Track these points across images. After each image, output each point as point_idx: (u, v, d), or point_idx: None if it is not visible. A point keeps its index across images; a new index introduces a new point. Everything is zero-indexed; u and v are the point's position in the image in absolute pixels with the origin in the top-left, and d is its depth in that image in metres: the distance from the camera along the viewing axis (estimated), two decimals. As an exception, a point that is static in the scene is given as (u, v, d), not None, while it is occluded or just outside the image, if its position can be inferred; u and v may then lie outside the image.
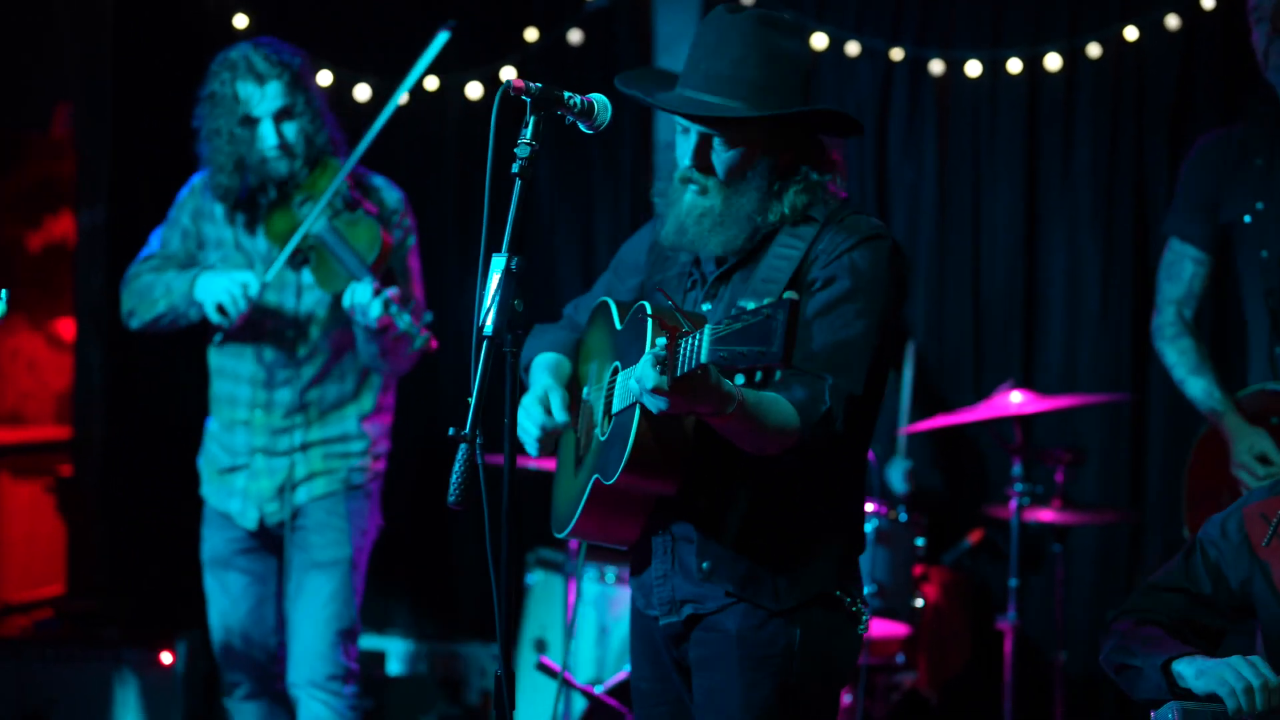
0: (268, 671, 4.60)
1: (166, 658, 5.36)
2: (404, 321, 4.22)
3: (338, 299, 4.38)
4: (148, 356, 6.13)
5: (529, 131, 2.77)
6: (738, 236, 2.96)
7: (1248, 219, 4.20)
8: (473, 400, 2.66)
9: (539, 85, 2.80)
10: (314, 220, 4.33)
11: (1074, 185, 6.09)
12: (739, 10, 2.96)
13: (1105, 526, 5.84)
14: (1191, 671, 2.91)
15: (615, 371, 2.99)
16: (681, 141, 2.98)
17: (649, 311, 2.80)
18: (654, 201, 3.12)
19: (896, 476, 5.78)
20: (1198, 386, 4.29)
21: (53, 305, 6.64)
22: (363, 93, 6.41)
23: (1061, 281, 6.09)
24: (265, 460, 4.48)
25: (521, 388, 3.22)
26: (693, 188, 2.97)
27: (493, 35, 6.49)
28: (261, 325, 4.46)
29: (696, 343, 2.47)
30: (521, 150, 2.75)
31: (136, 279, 4.57)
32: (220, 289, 4.33)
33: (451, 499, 2.65)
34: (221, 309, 4.33)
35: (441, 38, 4.61)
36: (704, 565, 2.94)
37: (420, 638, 6.34)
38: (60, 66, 6.45)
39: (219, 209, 4.53)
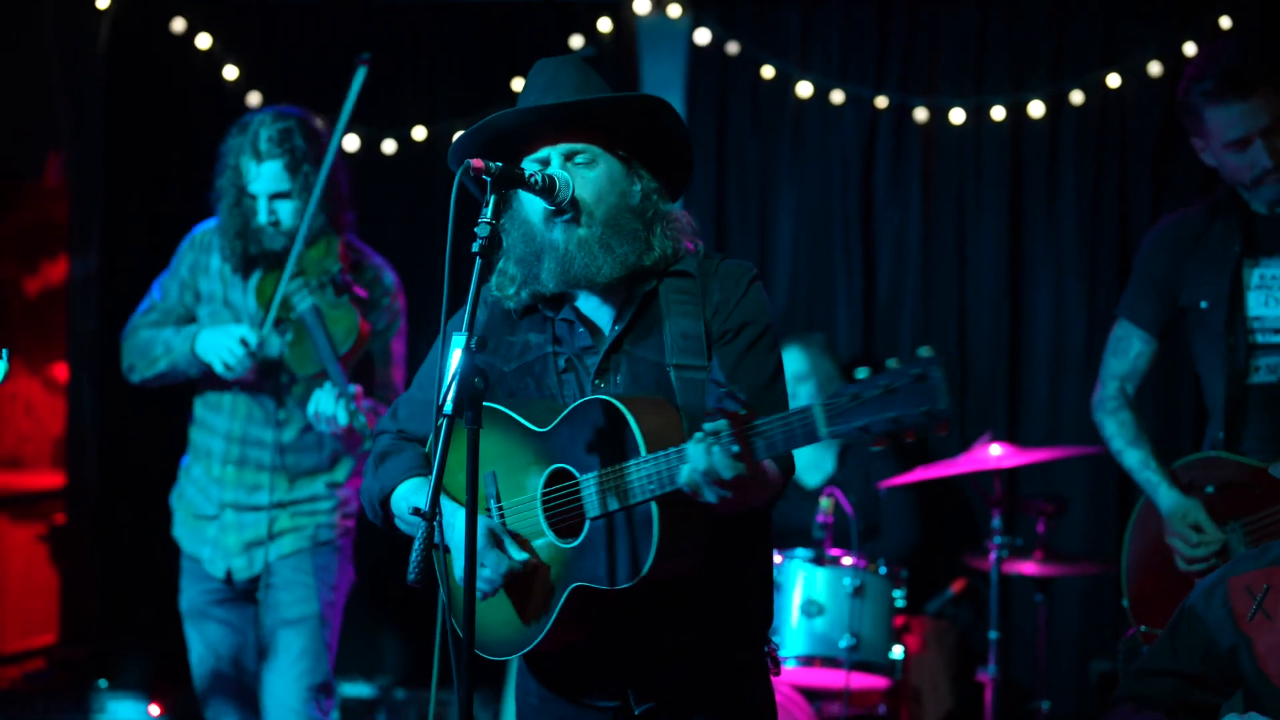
0: (245, 717, 4.63)
1: (154, 710, 5.39)
2: (359, 422, 4.25)
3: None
4: (141, 403, 6.13)
5: (489, 211, 2.78)
6: (629, 254, 2.92)
7: (1204, 305, 4.30)
8: (432, 479, 2.67)
9: (499, 165, 2.80)
10: (287, 284, 4.39)
11: (1058, 232, 6.12)
12: (561, 57, 3.04)
13: (1089, 577, 5.84)
14: None
15: (560, 475, 2.86)
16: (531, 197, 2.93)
17: (620, 405, 2.75)
18: (502, 278, 3.01)
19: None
20: (1134, 457, 4.39)
21: (49, 349, 6.68)
22: (351, 143, 6.45)
23: (1046, 330, 6.12)
24: (235, 515, 4.53)
25: (385, 520, 3.09)
26: (563, 219, 2.91)
27: (480, 85, 6.52)
28: (241, 384, 4.52)
29: (801, 426, 2.50)
30: (481, 230, 2.77)
31: (135, 334, 4.61)
32: (221, 346, 4.37)
33: (410, 578, 2.67)
34: (227, 365, 4.38)
35: (360, 73, 4.65)
36: (665, 640, 2.92)
37: (408, 684, 6.34)
38: (53, 116, 6.50)
39: (214, 263, 4.59)
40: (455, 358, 2.71)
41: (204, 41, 6.47)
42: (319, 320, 4.38)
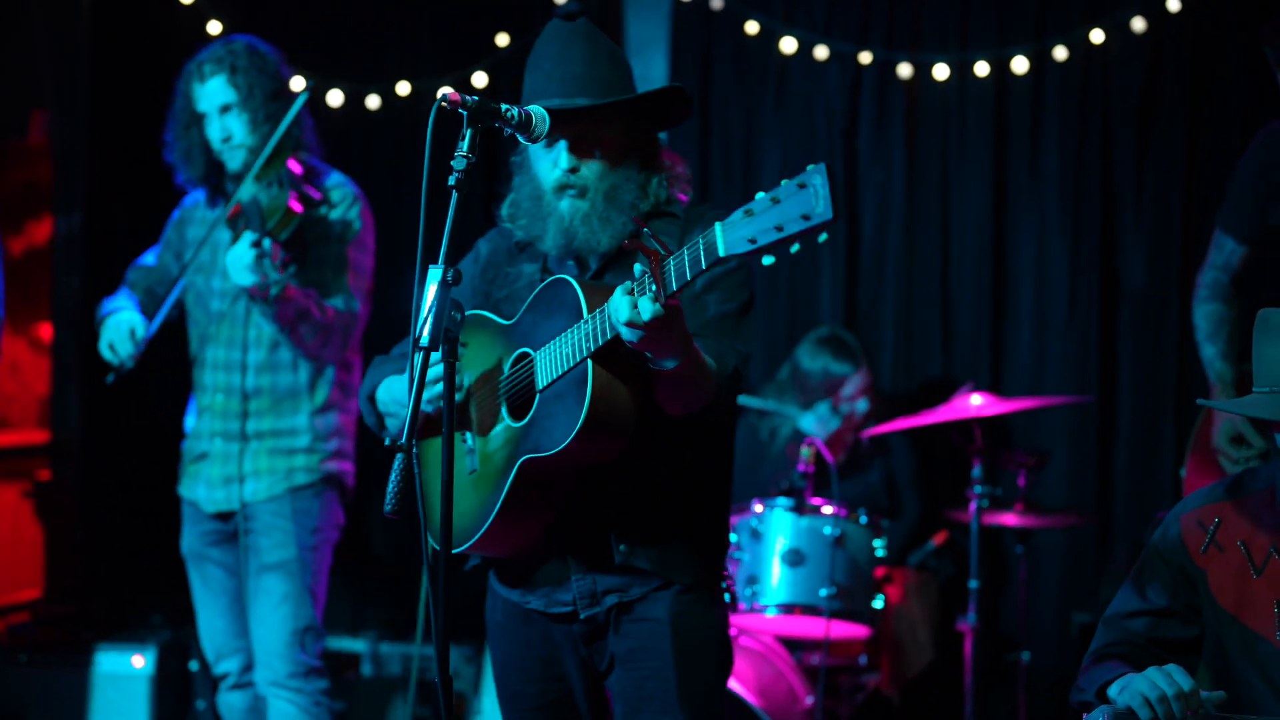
0: (252, 659, 4.64)
1: (139, 661, 5.41)
2: (272, 276, 4.24)
3: None
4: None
5: (465, 145, 2.80)
6: (626, 224, 3.04)
7: None
8: (408, 410, 2.70)
9: (474, 99, 2.82)
10: (243, 190, 4.46)
11: (1041, 187, 6.13)
12: (571, 19, 3.10)
13: (1071, 529, 5.87)
14: (1117, 690, 2.94)
15: (521, 359, 3.01)
16: (544, 156, 3.07)
17: (572, 280, 2.90)
18: (506, 225, 3.20)
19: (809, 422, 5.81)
20: (1208, 351, 4.45)
21: (34, 309, 6.68)
22: (335, 98, 6.45)
23: (1029, 283, 6.13)
24: (223, 444, 4.57)
25: (381, 423, 3.25)
26: (570, 193, 3.06)
27: (464, 41, 6.52)
28: (220, 312, 4.59)
29: (705, 242, 2.52)
30: (458, 163, 2.77)
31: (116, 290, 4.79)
32: (112, 329, 4.55)
33: (388, 508, 2.72)
34: (112, 348, 4.54)
35: (302, 97, 4.62)
36: (620, 548, 3.02)
37: (392, 639, 6.36)
38: (36, 74, 6.48)
39: (198, 212, 4.71)
40: (431, 291, 2.74)
41: (188, -3, 6.46)
42: (255, 202, 4.39)
